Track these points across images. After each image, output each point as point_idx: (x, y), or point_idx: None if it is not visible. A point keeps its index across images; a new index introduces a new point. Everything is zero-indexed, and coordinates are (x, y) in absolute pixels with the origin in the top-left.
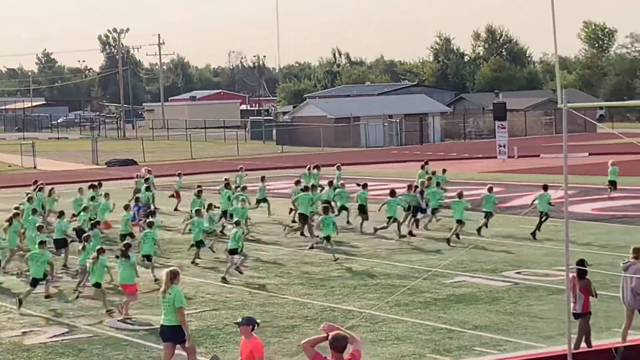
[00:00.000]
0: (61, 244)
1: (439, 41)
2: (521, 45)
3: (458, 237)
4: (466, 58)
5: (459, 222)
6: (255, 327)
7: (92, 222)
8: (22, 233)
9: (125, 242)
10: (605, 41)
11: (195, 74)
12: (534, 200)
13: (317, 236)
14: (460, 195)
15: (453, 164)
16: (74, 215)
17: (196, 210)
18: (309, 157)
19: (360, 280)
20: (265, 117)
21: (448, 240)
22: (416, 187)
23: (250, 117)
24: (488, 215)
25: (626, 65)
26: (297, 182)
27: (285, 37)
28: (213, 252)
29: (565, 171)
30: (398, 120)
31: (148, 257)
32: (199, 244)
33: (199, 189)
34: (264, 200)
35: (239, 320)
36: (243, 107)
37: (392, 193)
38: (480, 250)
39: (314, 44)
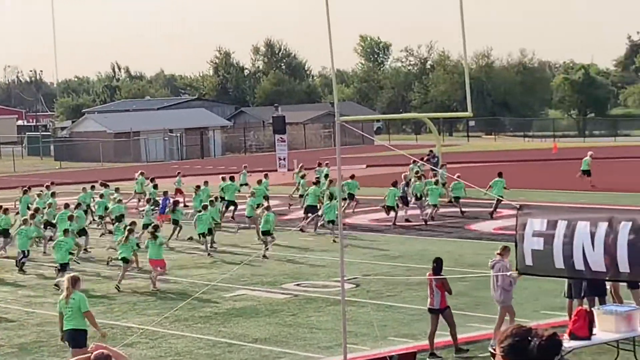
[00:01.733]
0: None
1: (218, 55)
2: (300, 59)
3: (433, 219)
4: (246, 72)
5: (435, 205)
6: None
7: (117, 215)
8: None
9: (155, 224)
10: (381, 55)
11: None
12: (490, 185)
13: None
14: (436, 183)
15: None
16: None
17: (209, 201)
18: (88, 173)
19: (141, 296)
20: (42, 133)
21: (425, 221)
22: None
23: (27, 133)
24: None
25: (401, 78)
26: (303, 177)
27: (62, 51)
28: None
29: (339, 183)
30: (178, 135)
31: (204, 235)
32: (210, 232)
33: (198, 185)
34: (267, 197)
35: None
36: (20, 122)
37: (394, 184)
38: (260, 263)
39: (92, 57)
